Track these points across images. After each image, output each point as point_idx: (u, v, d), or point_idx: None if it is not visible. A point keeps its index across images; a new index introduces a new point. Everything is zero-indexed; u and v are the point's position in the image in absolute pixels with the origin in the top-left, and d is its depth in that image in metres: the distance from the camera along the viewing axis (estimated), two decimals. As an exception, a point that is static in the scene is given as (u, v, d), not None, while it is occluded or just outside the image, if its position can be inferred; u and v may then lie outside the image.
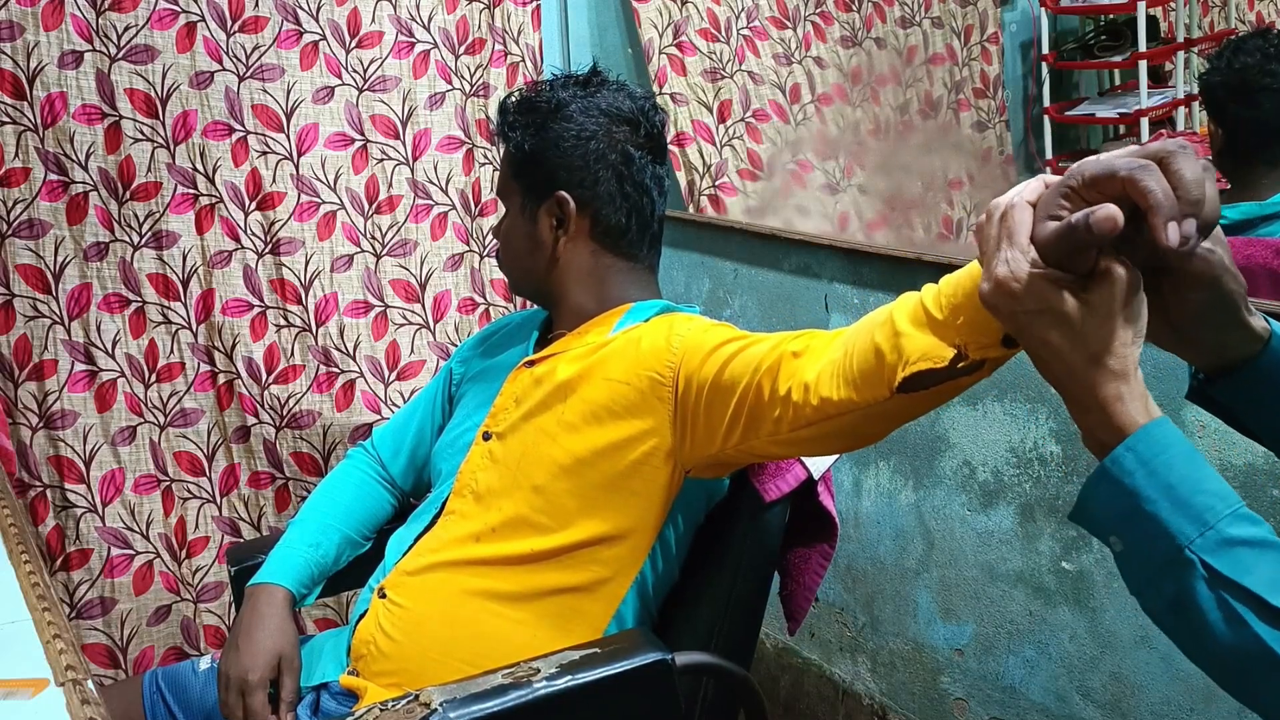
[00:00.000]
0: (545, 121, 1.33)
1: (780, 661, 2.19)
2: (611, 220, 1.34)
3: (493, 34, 2.23)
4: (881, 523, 1.94)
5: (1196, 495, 0.70)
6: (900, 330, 0.94)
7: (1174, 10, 2.26)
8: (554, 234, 1.35)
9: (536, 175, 1.34)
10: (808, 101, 2.41)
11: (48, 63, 1.86)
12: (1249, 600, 0.67)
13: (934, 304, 0.92)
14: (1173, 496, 0.70)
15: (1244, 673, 0.69)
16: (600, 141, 1.32)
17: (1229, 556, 0.68)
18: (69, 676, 0.96)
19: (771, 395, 1.09)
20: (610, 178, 1.33)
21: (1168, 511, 0.70)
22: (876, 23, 2.44)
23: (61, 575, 1.96)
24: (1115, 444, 0.71)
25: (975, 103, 2.45)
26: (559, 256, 1.35)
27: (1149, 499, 0.70)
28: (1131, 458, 0.71)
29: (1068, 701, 1.66)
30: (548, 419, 1.29)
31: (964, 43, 2.45)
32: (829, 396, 1.03)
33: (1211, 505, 0.69)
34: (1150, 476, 0.70)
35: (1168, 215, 0.66)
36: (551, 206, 1.34)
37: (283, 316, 2.09)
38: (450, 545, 1.32)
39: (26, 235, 1.89)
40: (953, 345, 0.90)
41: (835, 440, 1.10)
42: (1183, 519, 0.69)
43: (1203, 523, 0.69)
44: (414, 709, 1.06)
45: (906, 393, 0.95)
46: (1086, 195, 0.69)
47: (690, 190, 2.36)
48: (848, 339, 1.03)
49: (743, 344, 1.16)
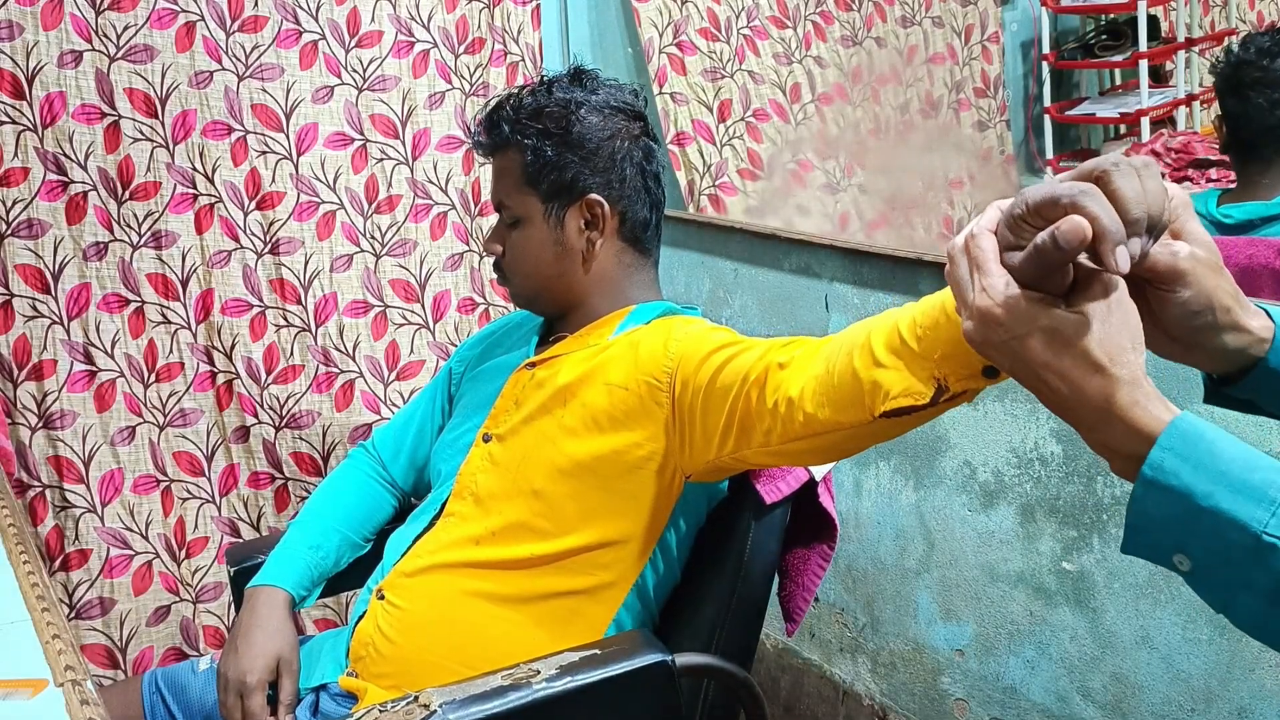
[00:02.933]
0: (564, 124, 1.31)
1: (781, 662, 2.19)
2: (639, 216, 1.34)
3: (492, 33, 2.23)
4: (882, 523, 1.94)
5: (1253, 474, 0.64)
6: (879, 360, 0.94)
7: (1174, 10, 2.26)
8: (583, 237, 1.33)
9: (560, 179, 1.31)
10: (808, 101, 2.41)
11: (47, 62, 1.86)
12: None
13: (910, 334, 0.91)
14: (1229, 483, 0.64)
15: None
16: (623, 139, 1.33)
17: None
18: (68, 677, 0.95)
19: (759, 407, 1.09)
20: (636, 174, 1.33)
21: (1229, 500, 0.64)
22: (877, 22, 2.44)
23: (61, 576, 1.96)
24: (1147, 451, 0.67)
25: (976, 102, 2.45)
26: (590, 259, 1.34)
27: (1204, 494, 0.65)
28: (1172, 457, 0.66)
29: (1068, 702, 1.66)
30: (548, 423, 1.29)
31: (964, 42, 2.45)
32: (814, 414, 1.03)
33: (1273, 480, 0.64)
34: (1198, 470, 0.65)
35: (1115, 241, 0.64)
36: (581, 209, 1.32)
37: (282, 316, 2.09)
38: (449, 547, 1.32)
39: (25, 235, 1.88)
40: (932, 379, 0.89)
41: (827, 453, 1.10)
42: (1248, 502, 0.64)
43: (1271, 500, 0.64)
44: (413, 710, 1.06)
45: (889, 419, 0.95)
46: (1034, 223, 0.67)
47: (690, 190, 2.35)
48: (829, 354, 1.02)
49: (735, 350, 1.16)
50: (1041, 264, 0.67)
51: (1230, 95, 1.68)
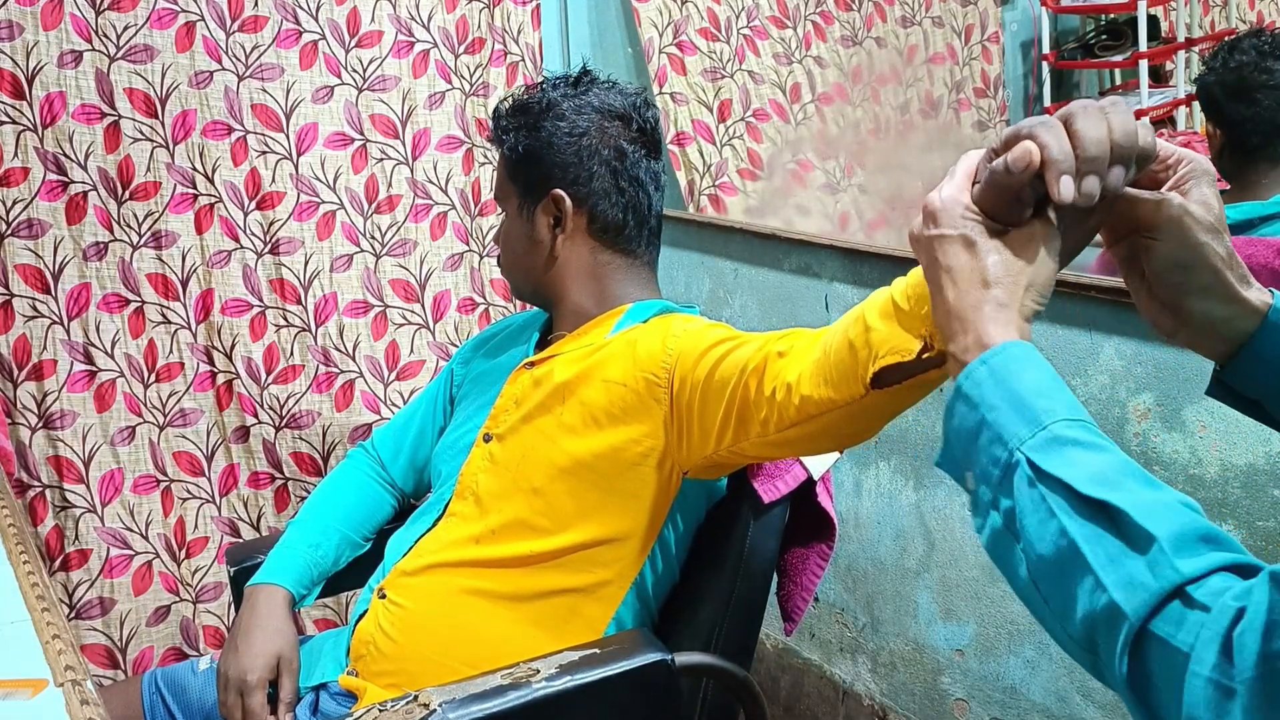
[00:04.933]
0: (538, 121, 1.33)
1: (780, 662, 2.19)
2: (609, 216, 1.34)
3: (492, 33, 2.23)
4: (882, 523, 1.94)
5: (1038, 399, 0.66)
6: (870, 325, 0.95)
7: (1174, 10, 2.26)
8: (552, 233, 1.35)
9: (532, 175, 1.34)
10: (808, 101, 2.41)
11: (47, 62, 1.86)
12: (1063, 491, 0.62)
13: (902, 295, 0.92)
14: (1015, 401, 0.66)
15: (1056, 578, 0.62)
16: (592, 137, 1.32)
17: (1057, 455, 0.63)
18: (68, 677, 0.95)
19: (758, 396, 1.10)
20: (605, 173, 1.33)
21: (1007, 416, 0.66)
22: (877, 22, 2.44)
23: (60, 576, 1.96)
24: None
25: (976, 102, 2.45)
26: (558, 255, 1.35)
27: (992, 406, 0.67)
28: (984, 370, 0.68)
29: (1068, 702, 1.66)
30: (547, 421, 1.29)
31: (964, 42, 2.45)
32: (810, 395, 1.03)
33: (1051, 409, 0.65)
34: (997, 385, 0.67)
35: (1059, 170, 0.68)
36: (548, 205, 1.34)
37: (282, 316, 2.09)
38: (450, 547, 1.32)
39: (25, 235, 1.89)
40: (920, 336, 0.90)
41: (822, 440, 1.10)
42: (1019, 421, 0.65)
43: (1038, 423, 0.65)
44: (413, 709, 1.06)
45: (880, 388, 0.96)
46: (1001, 153, 0.72)
47: (690, 190, 2.35)
48: (827, 337, 1.04)
49: (733, 344, 1.16)
50: (995, 187, 0.71)
51: (1235, 100, 1.68)
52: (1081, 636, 0.61)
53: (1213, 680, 0.55)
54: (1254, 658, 0.53)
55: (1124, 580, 0.59)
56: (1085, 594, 0.60)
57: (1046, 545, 0.62)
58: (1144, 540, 0.59)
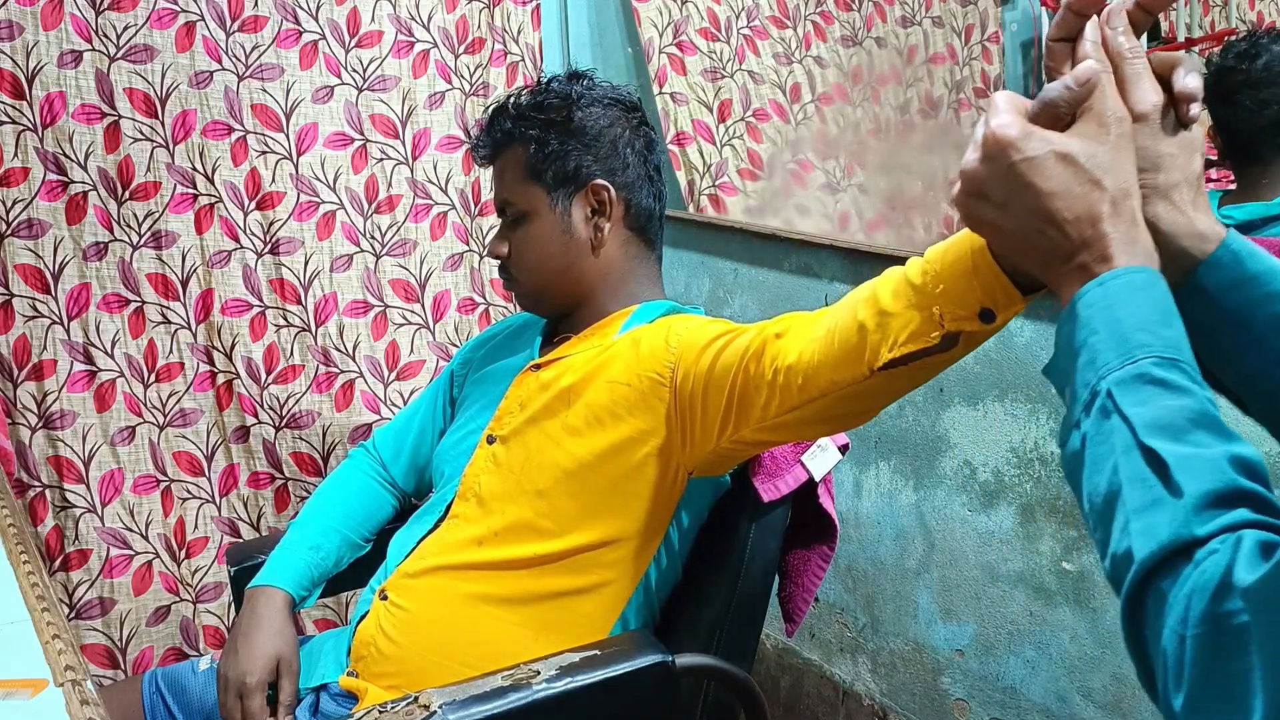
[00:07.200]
0: (569, 112, 1.33)
1: (781, 662, 2.19)
2: (644, 205, 1.36)
3: (492, 33, 2.23)
4: (882, 523, 1.94)
5: (1138, 332, 0.63)
6: (884, 308, 0.94)
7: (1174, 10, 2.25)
8: (590, 224, 1.34)
9: (565, 168, 1.32)
10: (808, 101, 2.41)
11: (47, 62, 1.86)
12: (1127, 430, 0.61)
13: (918, 272, 0.92)
14: (1115, 330, 0.64)
15: (1104, 511, 0.61)
16: (622, 126, 1.34)
17: (1135, 392, 0.62)
18: (68, 677, 0.95)
19: (758, 379, 1.10)
20: (638, 162, 1.35)
21: (1105, 343, 0.64)
22: (877, 22, 2.43)
23: (60, 575, 1.96)
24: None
25: (976, 102, 2.44)
26: (600, 246, 1.34)
27: (1094, 330, 0.64)
28: (1099, 291, 0.65)
29: (1068, 702, 1.66)
30: (552, 424, 1.29)
31: (964, 42, 2.45)
32: (812, 377, 1.03)
33: (1148, 343, 0.63)
34: (1105, 310, 0.64)
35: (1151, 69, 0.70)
36: (587, 196, 1.33)
37: (282, 316, 2.09)
38: (452, 548, 1.32)
39: (25, 235, 1.88)
40: (934, 318, 0.89)
41: (822, 423, 1.10)
42: (1114, 351, 0.63)
43: (1129, 356, 0.62)
44: (413, 711, 1.06)
45: (887, 370, 0.95)
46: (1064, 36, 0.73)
47: (690, 190, 2.35)
48: (831, 316, 1.03)
49: (733, 335, 1.17)
50: (1049, 109, 0.69)
51: (1218, 104, 1.69)
52: (1109, 573, 0.62)
53: (1176, 633, 0.56)
54: (1199, 614, 0.54)
55: (1144, 528, 0.59)
56: (1117, 533, 0.60)
57: (1102, 478, 0.62)
58: (1175, 493, 0.59)
